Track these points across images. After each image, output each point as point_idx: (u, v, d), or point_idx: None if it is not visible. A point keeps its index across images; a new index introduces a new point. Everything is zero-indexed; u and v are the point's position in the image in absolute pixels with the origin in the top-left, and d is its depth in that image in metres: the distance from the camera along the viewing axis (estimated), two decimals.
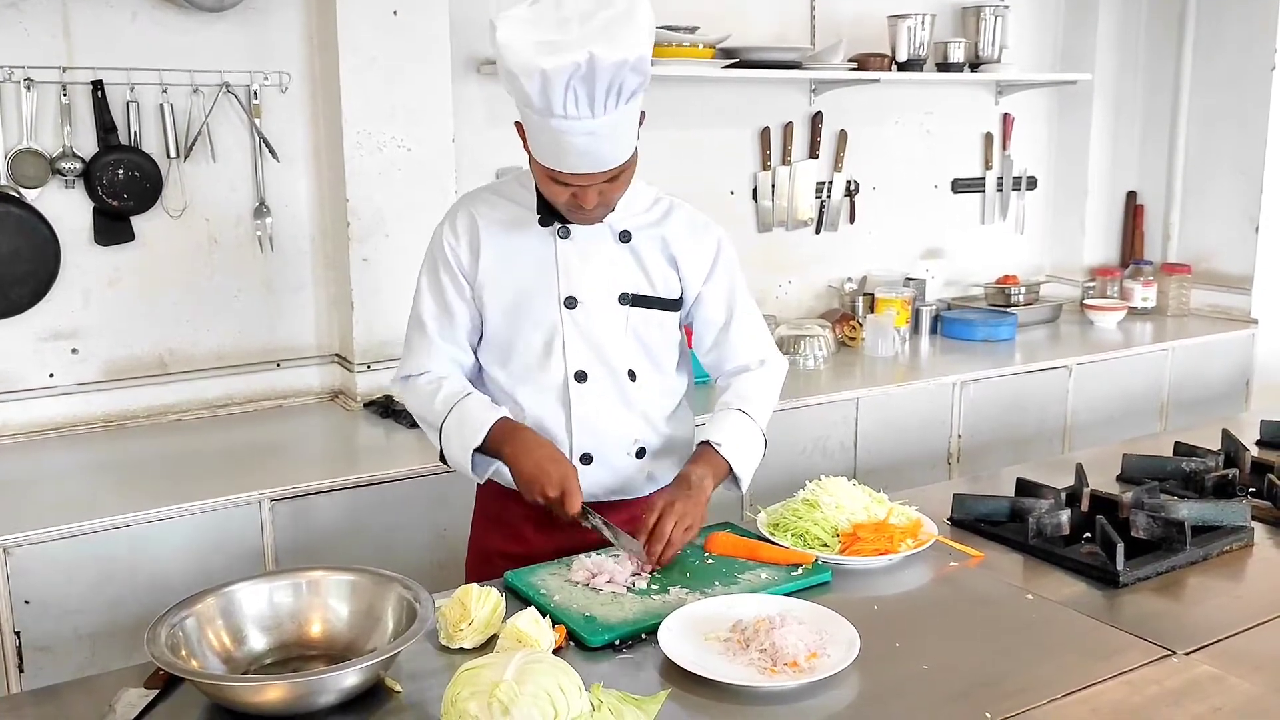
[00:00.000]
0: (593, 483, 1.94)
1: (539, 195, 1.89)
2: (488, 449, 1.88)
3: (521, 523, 1.99)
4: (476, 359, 2.01)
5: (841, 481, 2.03)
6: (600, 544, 1.87)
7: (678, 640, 1.55)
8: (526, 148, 1.81)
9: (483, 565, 2.02)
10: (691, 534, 1.82)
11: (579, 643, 1.58)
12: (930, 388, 3.46)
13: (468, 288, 1.95)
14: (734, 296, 2.03)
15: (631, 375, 1.96)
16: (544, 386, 1.94)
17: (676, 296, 1.98)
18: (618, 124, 1.71)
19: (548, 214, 1.90)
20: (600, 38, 1.63)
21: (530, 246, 1.92)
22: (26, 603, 2.23)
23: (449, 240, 1.95)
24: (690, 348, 2.12)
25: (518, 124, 1.80)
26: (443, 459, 1.96)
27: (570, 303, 1.92)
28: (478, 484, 2.00)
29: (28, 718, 1.44)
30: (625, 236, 1.93)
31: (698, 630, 1.59)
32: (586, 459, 1.96)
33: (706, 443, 1.94)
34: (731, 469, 1.93)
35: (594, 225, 1.89)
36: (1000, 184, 4.46)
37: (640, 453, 2.00)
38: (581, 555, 1.83)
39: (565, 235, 1.91)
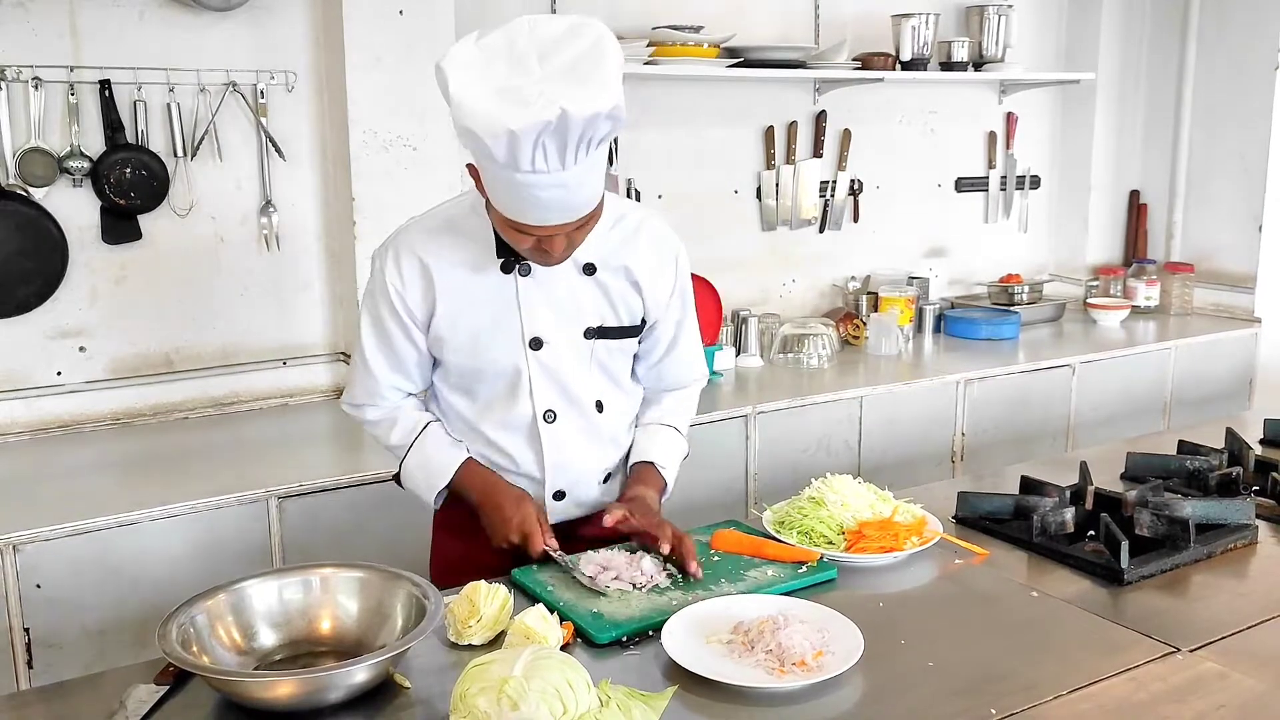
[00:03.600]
0: (562, 512, 1.95)
1: (498, 235, 1.75)
2: (451, 490, 1.90)
3: (482, 529, 1.91)
4: (433, 382, 1.96)
5: (847, 479, 2.04)
6: (607, 542, 1.88)
7: (680, 646, 1.53)
8: (483, 191, 1.67)
9: (449, 575, 1.90)
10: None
11: (586, 639, 1.59)
12: (934, 386, 3.47)
13: (417, 331, 1.85)
14: (684, 318, 1.99)
15: (599, 406, 1.93)
16: (512, 425, 1.90)
17: (639, 322, 1.92)
18: (588, 171, 1.58)
19: (509, 255, 1.78)
20: (570, 85, 1.48)
21: (490, 285, 1.81)
22: (36, 584, 2.24)
23: (394, 284, 1.81)
24: None
25: (471, 166, 1.66)
26: (396, 479, 1.99)
27: (535, 344, 1.83)
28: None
29: (38, 715, 1.45)
30: (589, 269, 1.83)
31: (700, 634, 1.58)
32: (559, 495, 1.94)
33: (651, 464, 1.97)
34: (666, 485, 1.99)
35: None
36: (1004, 183, 4.46)
37: (608, 478, 2.00)
38: (589, 551, 1.83)
39: (526, 273, 1.80)
